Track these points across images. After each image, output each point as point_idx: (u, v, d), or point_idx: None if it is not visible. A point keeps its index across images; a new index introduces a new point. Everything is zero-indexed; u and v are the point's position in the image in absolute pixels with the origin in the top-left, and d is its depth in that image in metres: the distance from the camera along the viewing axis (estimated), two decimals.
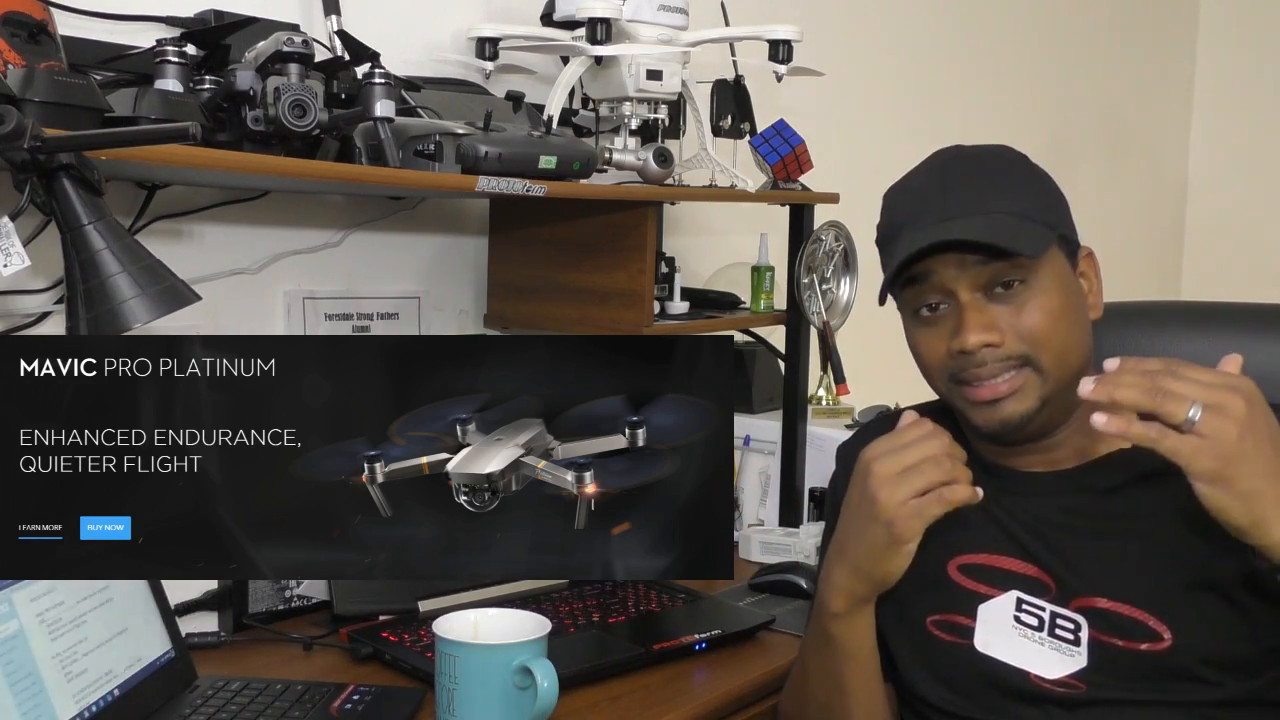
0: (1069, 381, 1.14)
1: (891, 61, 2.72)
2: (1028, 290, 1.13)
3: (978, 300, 1.13)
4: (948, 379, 1.16)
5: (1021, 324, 1.12)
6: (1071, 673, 1.11)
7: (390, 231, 1.69)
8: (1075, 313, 1.16)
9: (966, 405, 1.16)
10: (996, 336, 1.12)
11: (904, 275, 1.16)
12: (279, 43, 1.24)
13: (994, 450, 1.20)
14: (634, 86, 1.60)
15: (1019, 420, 1.13)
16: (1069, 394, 1.14)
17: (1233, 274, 3.83)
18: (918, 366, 1.21)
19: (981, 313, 1.12)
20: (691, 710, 1.27)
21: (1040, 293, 1.13)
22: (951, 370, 1.15)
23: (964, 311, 1.13)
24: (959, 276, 1.13)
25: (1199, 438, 0.94)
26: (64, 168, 1.02)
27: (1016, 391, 1.13)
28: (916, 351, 1.19)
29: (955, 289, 1.13)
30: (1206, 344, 1.45)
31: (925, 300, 1.16)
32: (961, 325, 1.12)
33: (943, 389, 1.18)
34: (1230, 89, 3.97)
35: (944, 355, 1.15)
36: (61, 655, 1.08)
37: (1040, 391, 1.13)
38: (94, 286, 1.03)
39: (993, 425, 1.15)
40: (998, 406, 1.13)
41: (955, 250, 1.12)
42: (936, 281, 1.14)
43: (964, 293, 1.13)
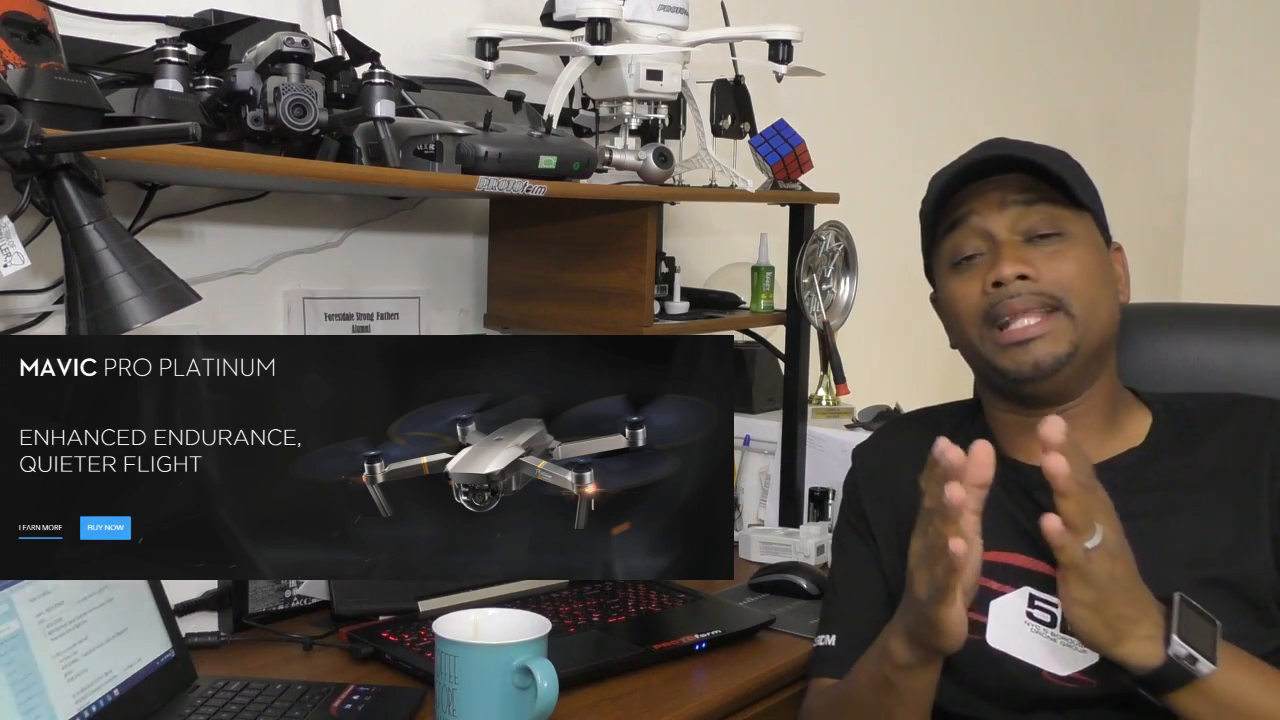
0: (1098, 339, 1.17)
1: (891, 61, 2.72)
2: (1064, 242, 1.16)
3: (1016, 240, 1.16)
4: (980, 321, 1.17)
5: (1057, 268, 1.15)
6: (1083, 669, 1.11)
7: (390, 231, 1.69)
8: (1107, 280, 1.19)
9: (997, 350, 1.17)
10: (1033, 271, 1.14)
11: (946, 221, 1.19)
12: (279, 43, 1.24)
13: (1011, 441, 1.21)
14: (634, 86, 1.60)
15: (1051, 363, 1.14)
16: (1096, 354, 1.17)
17: (1233, 275, 3.83)
18: (947, 327, 1.22)
19: (1019, 249, 1.15)
20: (691, 710, 1.27)
21: (1077, 246, 1.17)
22: (984, 310, 1.16)
23: (1002, 248, 1.16)
24: (999, 217, 1.16)
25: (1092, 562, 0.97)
26: (64, 168, 1.02)
27: (1049, 333, 1.14)
28: (950, 299, 1.21)
29: (995, 230, 1.16)
30: (1207, 346, 1.45)
31: (963, 248, 1.18)
32: (999, 259, 1.15)
33: (974, 337, 1.19)
34: (1230, 89, 3.97)
35: (978, 295, 1.17)
36: (61, 655, 1.08)
37: (1072, 336, 1.15)
38: (94, 286, 1.03)
39: (1024, 368, 1.15)
40: (1029, 348, 1.15)
41: (996, 190, 1.16)
42: (976, 223, 1.17)
43: (1003, 232, 1.16)
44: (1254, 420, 1.18)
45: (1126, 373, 1.35)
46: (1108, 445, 1.20)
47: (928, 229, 1.24)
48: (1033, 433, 1.20)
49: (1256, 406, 1.21)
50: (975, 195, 1.18)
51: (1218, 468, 1.16)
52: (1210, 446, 1.18)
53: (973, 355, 1.22)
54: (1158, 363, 1.45)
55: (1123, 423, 1.23)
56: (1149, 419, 1.23)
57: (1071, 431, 0.96)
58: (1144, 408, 1.25)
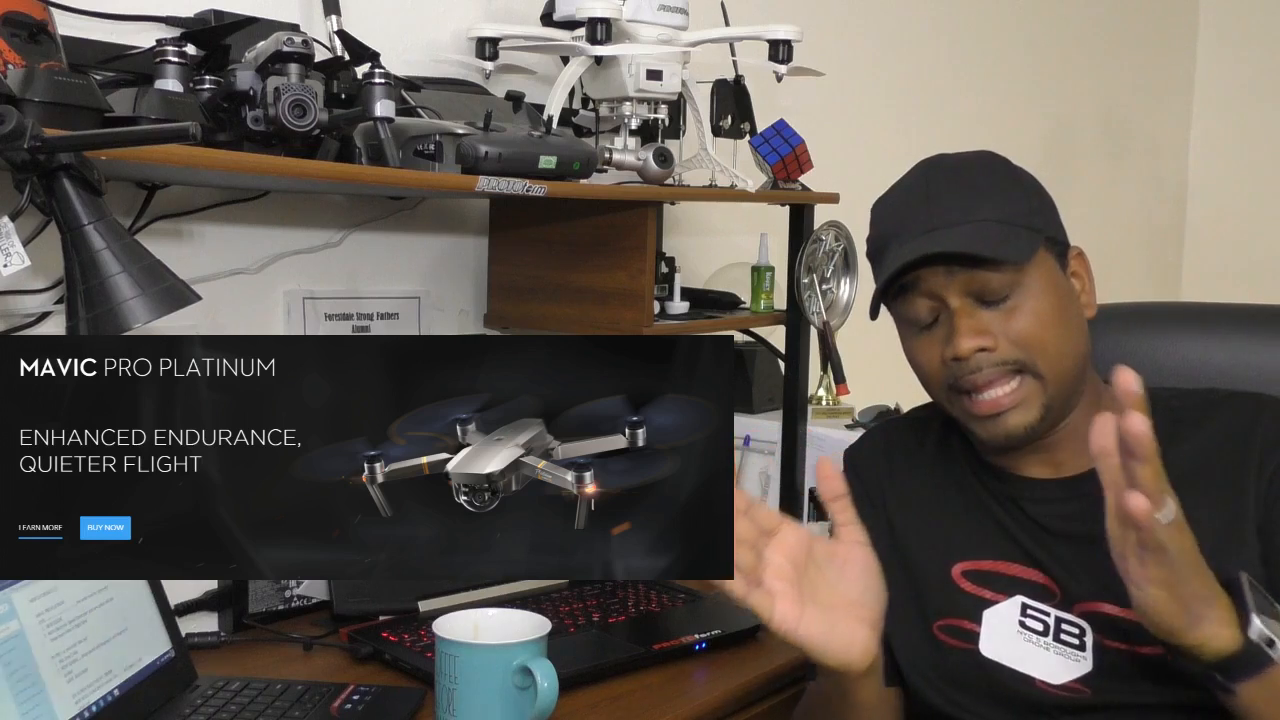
0: (1068, 384, 1.14)
1: (891, 61, 2.72)
2: (1018, 296, 1.12)
3: (969, 305, 1.12)
4: (946, 389, 1.15)
5: (1014, 329, 1.11)
6: (1077, 678, 1.11)
7: (390, 231, 1.69)
8: (1068, 314, 1.15)
9: (967, 418, 1.15)
10: (990, 341, 1.11)
11: (895, 286, 1.15)
12: (279, 43, 1.24)
13: (997, 455, 1.20)
14: (634, 86, 1.60)
15: (1024, 433, 1.13)
16: (1069, 395, 1.14)
17: (1233, 275, 3.83)
18: (917, 378, 1.20)
19: (973, 318, 1.12)
20: (691, 710, 1.27)
21: (1031, 297, 1.12)
22: (948, 379, 1.14)
23: (955, 318, 1.12)
24: (947, 284, 1.12)
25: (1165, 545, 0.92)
26: (64, 168, 1.02)
27: (1019, 404, 1.12)
28: (914, 362, 1.19)
29: (945, 295, 1.13)
30: (1207, 346, 1.45)
31: (917, 309, 1.15)
32: (954, 331, 1.12)
33: (942, 399, 1.18)
34: (1230, 89, 3.96)
35: (939, 364, 1.14)
36: (61, 655, 1.08)
37: (1042, 399, 1.12)
38: (94, 286, 1.03)
39: (997, 439, 1.14)
40: (1000, 420, 1.13)
41: (942, 261, 1.11)
42: (925, 289, 1.13)
43: (954, 299, 1.12)
44: (1240, 417, 1.17)
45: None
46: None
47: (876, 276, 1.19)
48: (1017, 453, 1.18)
49: (1242, 403, 1.20)
50: (919, 268, 1.13)
51: (1204, 464, 1.15)
52: (1196, 443, 1.17)
53: (945, 410, 1.19)
54: (1156, 362, 1.45)
55: None
56: None
57: (1138, 388, 0.91)
58: None
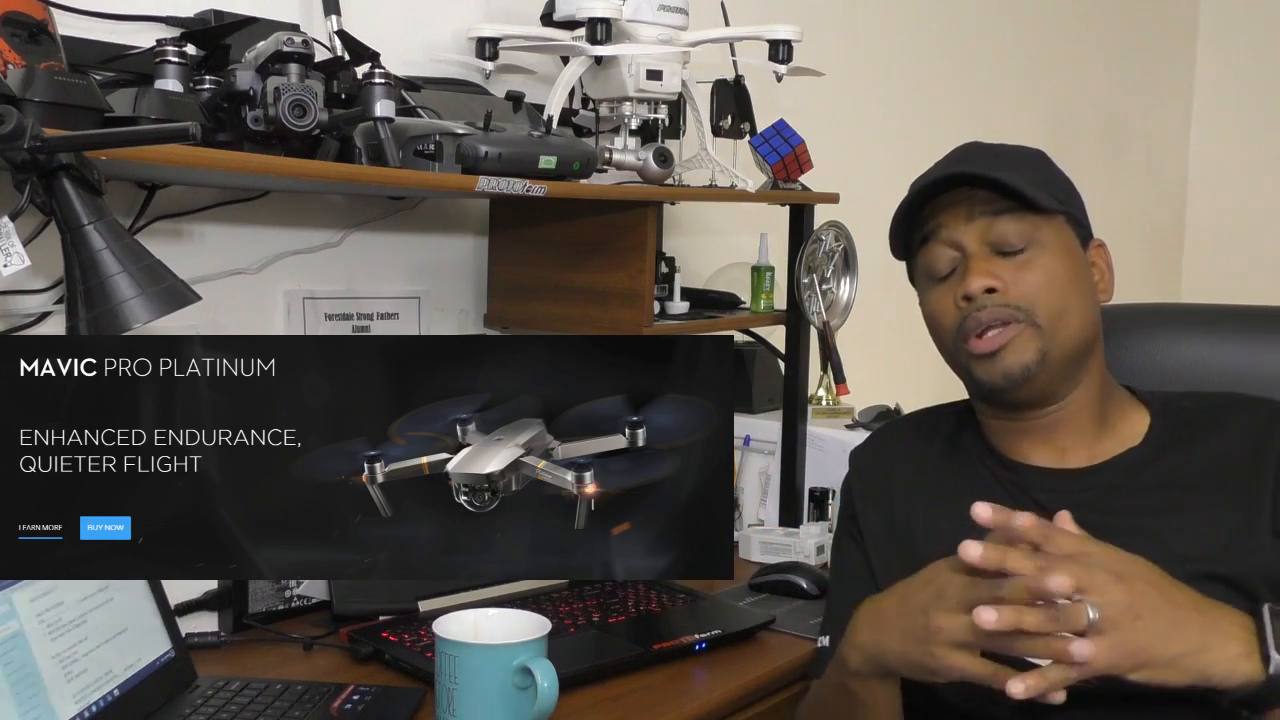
0: (1070, 345, 1.18)
1: (891, 61, 2.72)
2: (1033, 250, 1.17)
3: (985, 252, 1.18)
4: (954, 334, 1.19)
5: (1024, 279, 1.17)
6: None
7: (390, 231, 1.69)
8: (1079, 283, 1.20)
9: (970, 361, 1.19)
10: (999, 284, 1.16)
11: (919, 234, 1.21)
12: (279, 43, 1.24)
13: (1006, 442, 1.22)
14: (634, 86, 1.60)
15: (1020, 371, 1.16)
16: (1071, 358, 1.18)
17: (1233, 275, 3.82)
18: (931, 335, 1.23)
19: (987, 262, 1.17)
20: (691, 710, 1.27)
21: (1046, 255, 1.18)
22: (957, 324, 1.18)
23: (970, 260, 1.18)
24: (968, 230, 1.18)
25: (1105, 634, 0.94)
26: (64, 168, 1.02)
27: (1012, 343, 1.16)
28: (929, 313, 1.24)
29: (964, 241, 1.18)
30: (1206, 346, 1.45)
31: (937, 259, 1.20)
32: (967, 272, 1.18)
33: (951, 349, 1.21)
34: (1230, 89, 3.96)
35: (952, 309, 1.19)
36: (61, 655, 1.08)
37: (1038, 344, 1.16)
38: (94, 286, 1.03)
39: (994, 379, 1.18)
40: (997, 359, 1.17)
41: (964, 203, 1.17)
42: (946, 236, 1.19)
43: (972, 244, 1.18)
44: (1258, 421, 1.19)
45: (1126, 373, 1.35)
46: (1103, 445, 1.21)
47: (902, 243, 1.26)
48: (1024, 435, 1.22)
49: (1259, 407, 1.21)
50: (944, 208, 1.20)
51: (1218, 466, 1.16)
52: (1210, 445, 1.18)
53: (954, 365, 1.24)
54: (1157, 363, 1.45)
55: (1117, 422, 1.23)
56: (1147, 418, 1.23)
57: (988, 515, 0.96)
58: (1141, 406, 1.25)
